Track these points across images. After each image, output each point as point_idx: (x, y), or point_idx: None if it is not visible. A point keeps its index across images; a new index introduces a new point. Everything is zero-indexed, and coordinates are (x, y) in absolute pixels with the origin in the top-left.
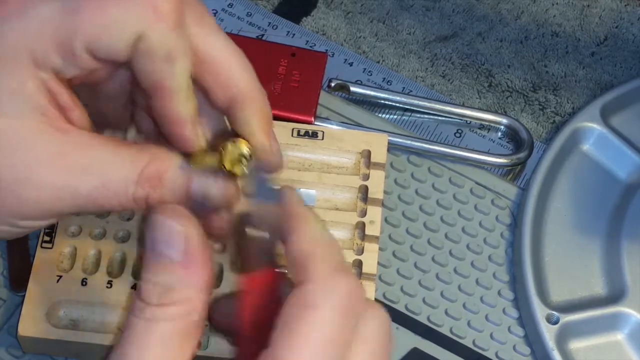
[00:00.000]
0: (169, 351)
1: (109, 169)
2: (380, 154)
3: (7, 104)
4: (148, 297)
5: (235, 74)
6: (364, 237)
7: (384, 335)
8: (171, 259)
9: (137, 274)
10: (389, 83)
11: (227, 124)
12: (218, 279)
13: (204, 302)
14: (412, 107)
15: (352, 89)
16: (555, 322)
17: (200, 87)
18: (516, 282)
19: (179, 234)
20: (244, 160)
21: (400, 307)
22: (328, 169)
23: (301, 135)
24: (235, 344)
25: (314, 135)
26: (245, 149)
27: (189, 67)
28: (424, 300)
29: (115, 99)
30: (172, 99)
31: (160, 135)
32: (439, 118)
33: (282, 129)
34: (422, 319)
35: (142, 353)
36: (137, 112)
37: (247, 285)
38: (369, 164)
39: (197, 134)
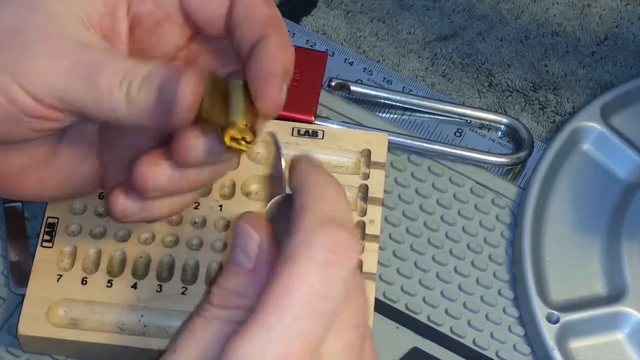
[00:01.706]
0: (214, 351)
1: (111, 58)
2: (380, 153)
3: None
4: (213, 298)
5: (265, 10)
6: (364, 236)
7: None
8: (242, 265)
9: (137, 273)
10: (389, 82)
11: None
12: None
13: None
14: (412, 107)
15: (353, 88)
16: (556, 322)
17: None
18: (516, 281)
19: (254, 240)
20: (243, 140)
21: (400, 307)
22: (328, 168)
23: (301, 135)
24: None
25: (314, 134)
26: (242, 134)
27: None
28: (424, 300)
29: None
30: (285, 38)
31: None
32: (439, 117)
33: (282, 128)
34: (422, 318)
35: (189, 346)
36: None
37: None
38: (369, 163)
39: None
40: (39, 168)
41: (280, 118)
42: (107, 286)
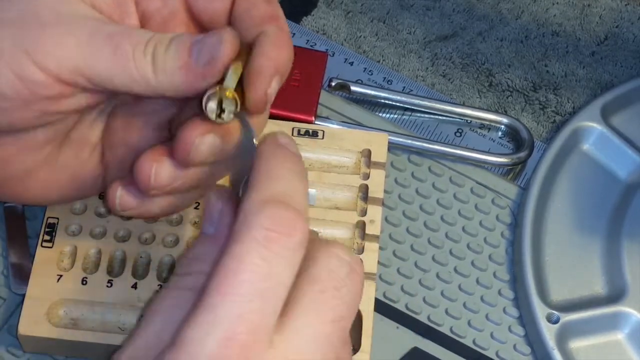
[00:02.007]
0: (172, 324)
1: (129, 28)
2: (380, 153)
3: None
4: (177, 268)
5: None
6: (364, 236)
7: (337, 273)
8: (205, 232)
9: (137, 273)
10: (389, 82)
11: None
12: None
13: None
14: (412, 107)
15: (353, 88)
16: (556, 322)
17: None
18: (516, 281)
19: (216, 208)
20: (227, 108)
21: (400, 307)
22: (328, 168)
23: (301, 135)
24: None
25: (314, 134)
26: (221, 103)
27: None
28: (424, 300)
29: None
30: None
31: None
32: (440, 117)
33: (283, 128)
34: (422, 318)
35: (152, 318)
36: None
37: None
38: (369, 163)
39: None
40: (43, 170)
41: (281, 118)
42: (107, 286)
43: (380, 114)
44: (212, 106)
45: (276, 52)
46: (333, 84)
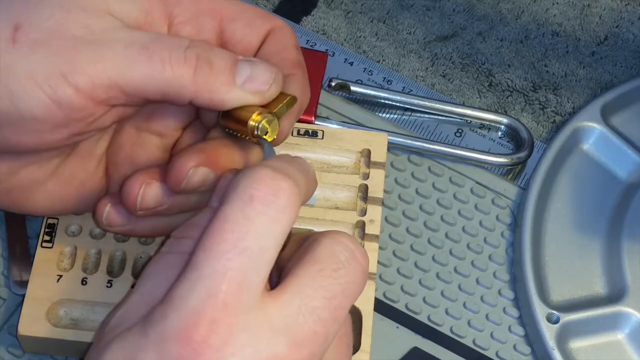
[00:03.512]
0: (165, 283)
1: (165, 35)
2: (380, 153)
3: None
4: (174, 232)
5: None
6: (364, 236)
7: (338, 257)
8: (211, 205)
9: (137, 273)
10: (389, 82)
11: None
12: None
13: None
14: (412, 107)
15: (353, 88)
16: (556, 322)
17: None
18: (516, 281)
19: (225, 183)
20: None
21: (400, 307)
22: (328, 168)
23: (301, 135)
24: None
25: (314, 134)
26: (268, 120)
27: None
28: (424, 300)
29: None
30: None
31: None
32: (439, 117)
33: None
34: (422, 318)
35: (146, 279)
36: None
37: None
38: (369, 163)
39: None
40: (50, 181)
41: None
42: (107, 286)
43: (380, 114)
44: (263, 126)
45: (301, 95)
46: (333, 84)
